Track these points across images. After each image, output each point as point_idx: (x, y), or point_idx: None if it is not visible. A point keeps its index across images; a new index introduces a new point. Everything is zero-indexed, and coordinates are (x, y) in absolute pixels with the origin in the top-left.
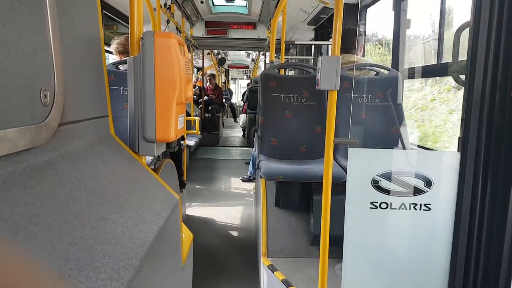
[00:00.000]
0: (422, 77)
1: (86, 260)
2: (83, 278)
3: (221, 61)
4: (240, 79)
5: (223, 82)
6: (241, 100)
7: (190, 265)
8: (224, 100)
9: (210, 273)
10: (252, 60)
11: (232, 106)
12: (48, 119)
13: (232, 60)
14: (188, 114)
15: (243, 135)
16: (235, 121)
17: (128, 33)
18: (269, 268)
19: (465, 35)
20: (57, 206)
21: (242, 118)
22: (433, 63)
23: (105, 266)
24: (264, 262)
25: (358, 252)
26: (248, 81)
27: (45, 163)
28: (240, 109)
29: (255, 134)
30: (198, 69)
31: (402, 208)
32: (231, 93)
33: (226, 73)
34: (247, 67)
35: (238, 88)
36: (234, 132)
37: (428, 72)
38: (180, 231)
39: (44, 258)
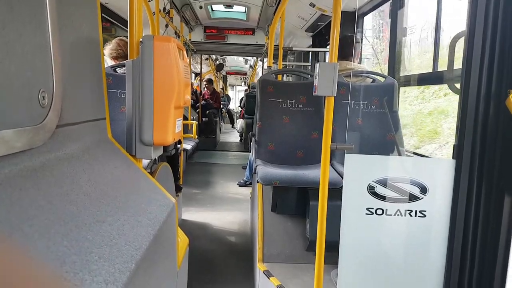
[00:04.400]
0: (418, 85)
1: (82, 263)
2: (78, 281)
3: (219, 67)
4: (238, 85)
5: (221, 88)
6: (239, 106)
7: (185, 270)
8: (221, 106)
9: (205, 278)
10: (250, 66)
11: (229, 112)
12: (46, 120)
13: (230, 66)
14: (185, 118)
15: (240, 140)
16: (232, 126)
17: (119, 37)
18: (265, 274)
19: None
20: (53, 208)
21: (239, 123)
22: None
23: (100, 269)
24: (259, 267)
25: (354, 258)
26: (246, 87)
27: (42, 164)
28: (237, 115)
29: (252, 138)
30: (196, 74)
31: (398, 215)
32: (229, 99)
33: (224, 79)
34: (245, 73)
35: (236, 95)
36: (232, 137)
37: (424, 80)
38: (176, 235)
39: (39, 260)
